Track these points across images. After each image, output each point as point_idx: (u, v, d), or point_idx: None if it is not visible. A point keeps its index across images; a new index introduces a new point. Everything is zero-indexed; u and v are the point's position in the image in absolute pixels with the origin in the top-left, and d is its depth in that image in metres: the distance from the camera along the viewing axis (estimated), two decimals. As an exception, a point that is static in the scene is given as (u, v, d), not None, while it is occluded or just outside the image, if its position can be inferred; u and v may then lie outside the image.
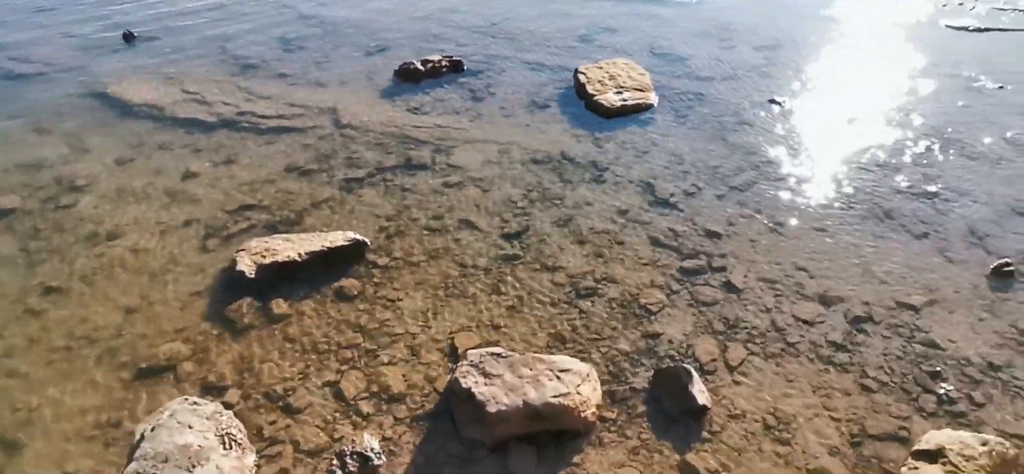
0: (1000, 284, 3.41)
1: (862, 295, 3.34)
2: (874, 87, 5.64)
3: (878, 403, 2.77)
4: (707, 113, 5.20)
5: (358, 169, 4.45)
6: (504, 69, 5.98)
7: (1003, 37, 6.71)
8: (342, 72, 5.95)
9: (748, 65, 6.07)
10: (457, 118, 5.15)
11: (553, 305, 3.31)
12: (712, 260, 3.59)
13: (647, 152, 4.66)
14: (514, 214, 4.00)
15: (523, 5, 7.62)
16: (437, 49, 6.29)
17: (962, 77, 5.77)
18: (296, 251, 3.49)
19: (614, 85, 5.43)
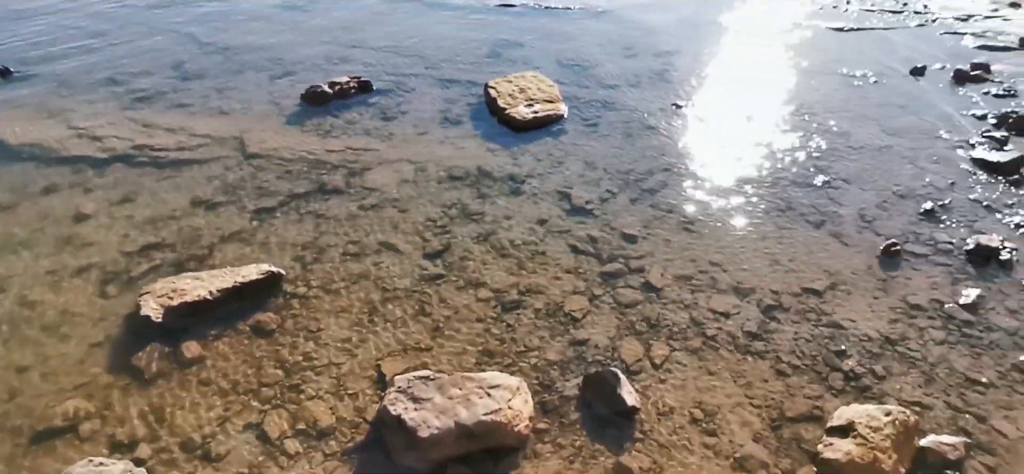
0: (890, 263, 3.69)
1: (771, 284, 3.53)
2: (765, 87, 6.01)
3: (793, 386, 2.93)
4: (615, 120, 5.36)
5: (269, 198, 4.29)
6: (414, 87, 5.94)
7: (873, 35, 7.32)
8: (246, 99, 5.72)
9: (650, 72, 6.32)
10: (369, 139, 5.07)
11: (479, 321, 3.30)
12: (630, 262, 3.69)
13: (561, 162, 4.75)
14: (434, 233, 3.97)
15: (428, 23, 7.62)
16: (344, 70, 6.17)
17: (842, 74, 6.24)
18: (206, 289, 3.31)
19: (524, 98, 5.51)
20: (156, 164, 4.68)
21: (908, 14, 7.91)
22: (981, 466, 2.57)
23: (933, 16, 7.82)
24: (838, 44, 7.05)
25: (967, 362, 3.04)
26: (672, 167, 4.67)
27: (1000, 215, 4.13)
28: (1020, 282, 3.55)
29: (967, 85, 6.02)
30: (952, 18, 7.73)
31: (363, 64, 6.41)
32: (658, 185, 4.45)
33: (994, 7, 8.05)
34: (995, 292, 3.48)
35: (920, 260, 3.72)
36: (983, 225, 4.02)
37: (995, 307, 3.38)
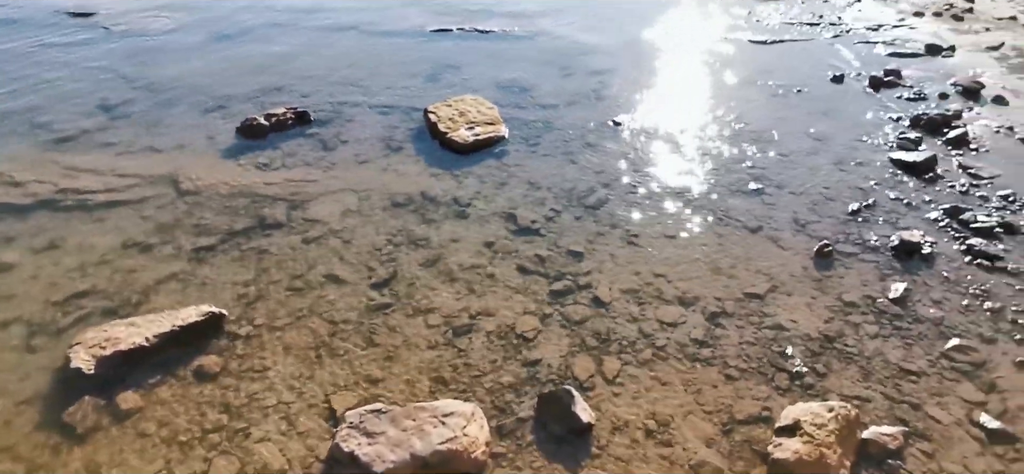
0: (824, 263, 3.86)
1: (714, 291, 3.63)
2: (697, 100, 6.22)
3: (742, 389, 3.01)
4: (556, 139, 5.44)
5: (207, 236, 4.14)
6: (353, 116, 5.88)
7: (794, 47, 7.69)
8: (178, 135, 5.53)
9: (587, 90, 6.45)
10: (309, 170, 4.97)
11: (431, 348, 3.27)
12: (578, 279, 3.74)
13: (505, 183, 4.78)
14: (380, 262, 3.92)
15: (364, 52, 7.57)
16: (280, 101, 6.06)
17: (768, 85, 6.53)
18: (143, 335, 3.17)
19: (465, 121, 5.53)
20: (83, 207, 4.46)
21: (824, 26, 8.35)
22: (919, 453, 2.69)
23: (847, 27, 8.29)
24: (762, 56, 7.38)
25: (900, 353, 3.20)
26: (613, 183, 4.77)
27: (919, 211, 4.38)
28: (941, 274, 3.77)
29: (882, 90, 6.40)
30: (864, 28, 8.21)
31: (300, 94, 6.31)
32: (601, 201, 4.53)
33: (900, 17, 8.60)
34: (920, 285, 3.68)
35: (851, 259, 3.91)
36: (905, 222, 4.26)
37: (921, 299, 3.57)
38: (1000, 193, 4.56)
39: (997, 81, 6.47)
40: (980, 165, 4.94)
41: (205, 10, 9.12)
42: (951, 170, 4.89)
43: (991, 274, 3.77)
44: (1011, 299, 3.57)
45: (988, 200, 4.49)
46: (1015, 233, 4.12)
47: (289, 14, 8.94)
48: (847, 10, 8.95)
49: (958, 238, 4.08)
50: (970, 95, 6.19)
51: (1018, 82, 6.44)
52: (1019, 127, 5.52)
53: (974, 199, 4.52)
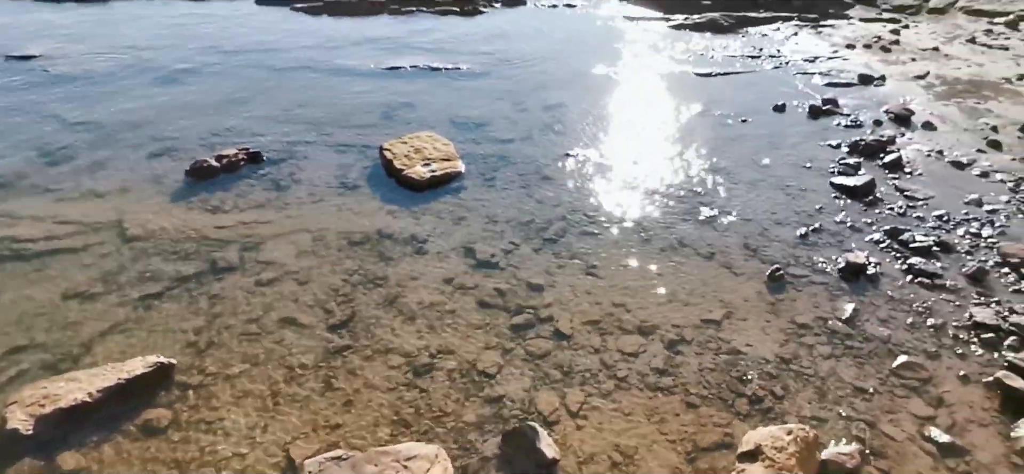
0: (776, 287, 3.97)
1: (673, 319, 3.68)
2: (648, 132, 6.38)
3: (703, 416, 3.04)
4: (512, 173, 5.48)
5: (154, 283, 4.00)
6: (307, 155, 5.81)
7: (738, 78, 7.99)
8: (124, 179, 5.35)
9: (541, 124, 6.54)
10: (262, 211, 4.87)
11: (391, 390, 3.21)
12: (539, 312, 3.74)
13: (463, 218, 4.78)
14: (338, 302, 3.84)
15: (317, 90, 7.52)
16: (231, 142, 5.95)
17: (715, 115, 6.74)
18: (85, 391, 3.01)
19: (421, 158, 5.53)
20: (20, 257, 4.25)
21: (764, 58, 8.71)
22: (876, 471, 2.76)
23: (786, 59, 8.66)
24: (709, 88, 7.63)
25: (853, 373, 3.30)
26: (570, 215, 4.82)
27: (862, 233, 4.56)
28: (886, 293, 3.92)
29: (821, 118, 6.68)
30: (801, 60, 8.60)
31: (252, 135, 6.20)
32: (559, 233, 4.56)
33: (834, 49, 9.04)
34: (867, 304, 3.82)
35: (801, 281, 4.03)
36: (850, 244, 4.42)
37: (869, 318, 3.70)
38: (935, 213, 4.79)
39: (925, 108, 6.84)
40: (915, 187, 5.18)
41: (152, 51, 8.93)
42: (889, 193, 5.12)
43: (931, 291, 3.93)
44: (951, 315, 3.73)
45: (924, 220, 4.71)
46: (950, 251, 4.33)
47: (240, 54, 8.83)
48: (785, 44, 9.36)
49: (899, 257, 4.26)
50: (901, 121, 6.53)
51: (943, 108, 6.82)
52: (948, 150, 5.82)
53: (911, 220, 4.73)
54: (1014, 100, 6.94)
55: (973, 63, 8.18)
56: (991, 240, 4.45)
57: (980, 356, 3.43)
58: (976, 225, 4.63)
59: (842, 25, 10.18)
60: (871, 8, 11.04)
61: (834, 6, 10.99)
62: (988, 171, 5.44)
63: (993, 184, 5.25)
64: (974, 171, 5.46)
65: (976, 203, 4.93)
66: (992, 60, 8.25)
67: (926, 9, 10.87)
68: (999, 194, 5.07)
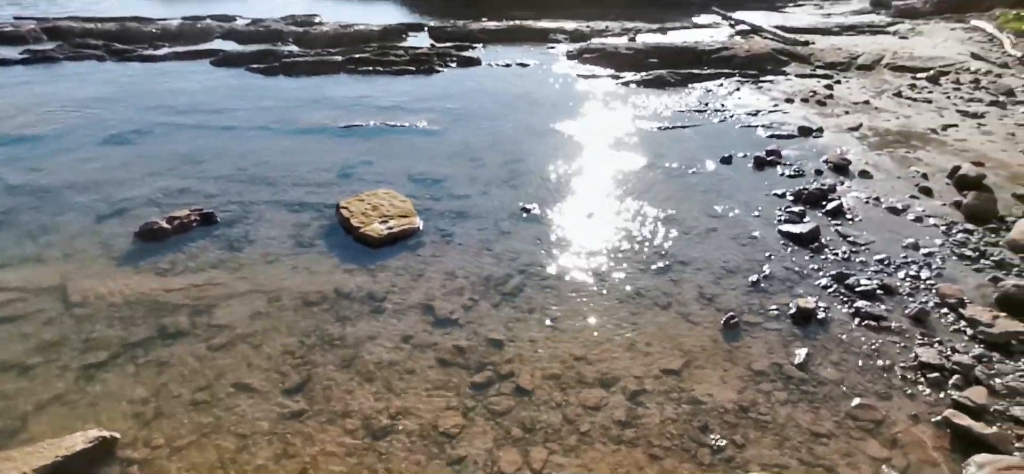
0: (731, 334, 4.05)
1: (633, 370, 3.71)
2: (602, 184, 6.52)
3: (667, 469, 3.04)
4: (470, 228, 5.51)
5: (98, 352, 3.83)
6: (262, 214, 5.72)
7: (686, 132, 8.28)
8: (69, 243, 5.16)
9: (498, 179, 6.62)
10: (215, 273, 4.76)
11: (350, 455, 3.12)
12: (500, 369, 3.72)
13: (421, 275, 4.76)
14: (293, 365, 3.75)
15: (273, 149, 7.46)
16: (184, 203, 5.82)
17: (666, 167, 6.95)
18: (19, 471, 2.83)
19: (378, 215, 5.51)
20: (-50, 330, 4.02)
21: (710, 112, 9.07)
22: (834, 513, 2.80)
23: (730, 113, 9.04)
24: (659, 141, 7.88)
25: (809, 417, 3.36)
26: (529, 268, 4.85)
27: (810, 279, 4.72)
28: (836, 336, 4.04)
29: (766, 169, 6.96)
30: (744, 114, 8.98)
31: (205, 195, 6.09)
32: (518, 287, 4.58)
33: (774, 103, 9.49)
34: (820, 349, 3.93)
35: (756, 328, 4.12)
36: (799, 289, 4.57)
37: (822, 363, 3.80)
38: (876, 257, 5.00)
39: (861, 157, 7.21)
40: (856, 233, 5.41)
41: (104, 112, 8.74)
42: (833, 239, 5.33)
43: (878, 333, 4.08)
44: (898, 356, 3.87)
45: (867, 265, 4.91)
46: (893, 294, 4.51)
47: (194, 114, 8.72)
48: (729, 98, 9.78)
49: (846, 301, 4.41)
50: (840, 170, 6.85)
51: (877, 158, 7.20)
52: (884, 197, 6.12)
53: (855, 264, 4.93)
54: (940, 149, 7.38)
55: (901, 115, 8.69)
56: (930, 282, 4.66)
57: (928, 396, 3.55)
58: (915, 268, 4.85)
59: (780, 81, 10.72)
60: (806, 65, 11.67)
61: (772, 63, 11.58)
62: (922, 216, 5.73)
63: (927, 228, 5.52)
64: (909, 216, 5.74)
65: (913, 247, 5.17)
66: (917, 112, 8.79)
67: (855, 66, 11.55)
68: (934, 237, 5.34)
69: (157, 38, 13.37)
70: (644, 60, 11.66)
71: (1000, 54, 11.92)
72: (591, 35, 14.01)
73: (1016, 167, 6.77)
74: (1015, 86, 9.75)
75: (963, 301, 4.38)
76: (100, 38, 13.03)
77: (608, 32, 14.37)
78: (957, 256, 5.04)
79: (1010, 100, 9.13)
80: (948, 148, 7.42)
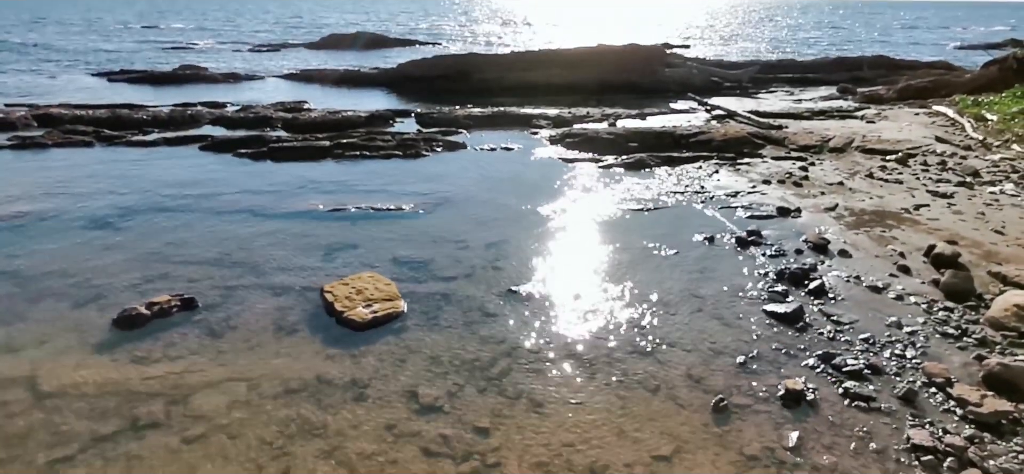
0: (721, 418, 4.00)
1: (623, 457, 3.62)
2: (589, 266, 6.56)
3: (658, 560, 2.93)
4: (455, 312, 5.47)
5: (66, 445, 3.68)
6: (245, 299, 5.65)
7: (668, 213, 8.42)
8: (43, 331, 5.04)
9: (484, 261, 6.64)
10: (194, 360, 4.65)
11: (331, 552, 2.97)
12: (486, 458, 3.62)
13: (405, 360, 4.68)
14: (272, 457, 3.62)
15: (257, 233, 7.45)
16: (165, 288, 5.74)
17: (650, 249, 7.02)
18: None
19: (362, 299, 5.47)
20: (-89, 424, 3.86)
21: (691, 194, 9.26)
22: None
23: (710, 194, 9.24)
24: (641, 223, 7.99)
25: (802, 503, 3.28)
26: (515, 352, 4.80)
27: (797, 359, 4.72)
28: (827, 418, 4.01)
29: (747, 248, 7.06)
30: (724, 195, 9.18)
31: (187, 280, 6.02)
32: (504, 372, 4.52)
33: (752, 184, 9.73)
34: (811, 432, 3.88)
35: (746, 411, 4.08)
36: (787, 370, 4.55)
37: (814, 446, 3.75)
38: (861, 336, 5.02)
39: (839, 236, 7.35)
40: (840, 312, 5.45)
41: (89, 197, 8.71)
42: (817, 318, 5.36)
43: (869, 414, 4.05)
44: (890, 438, 3.83)
45: (853, 344, 4.93)
46: (880, 373, 4.51)
47: (180, 199, 8.72)
48: (708, 180, 10.02)
49: (834, 382, 4.40)
50: (820, 250, 6.97)
51: (855, 237, 7.34)
52: (864, 276, 6.21)
53: (841, 344, 4.94)
54: (915, 228, 7.55)
55: (874, 195, 8.94)
56: (915, 361, 4.68)
57: (921, 478, 3.49)
58: (900, 347, 4.87)
59: (757, 163, 11.03)
60: (781, 148, 12.05)
61: (748, 146, 11.93)
62: (902, 294, 5.80)
63: (909, 306, 5.58)
64: (890, 294, 5.81)
65: (896, 325, 5.21)
66: (890, 192, 9.05)
67: (828, 149, 11.94)
68: (916, 316, 5.39)
69: (147, 124, 13.50)
70: (625, 144, 11.97)
71: (963, 137, 12.42)
72: (573, 121, 14.40)
73: (989, 245, 6.94)
74: (980, 167, 10.12)
75: (950, 380, 4.38)
76: (91, 124, 13.12)
77: (589, 118, 14.79)
78: (940, 334, 5.08)
79: (977, 181, 9.45)
80: (922, 227, 7.60)
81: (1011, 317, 5.15)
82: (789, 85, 21.25)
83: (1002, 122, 12.93)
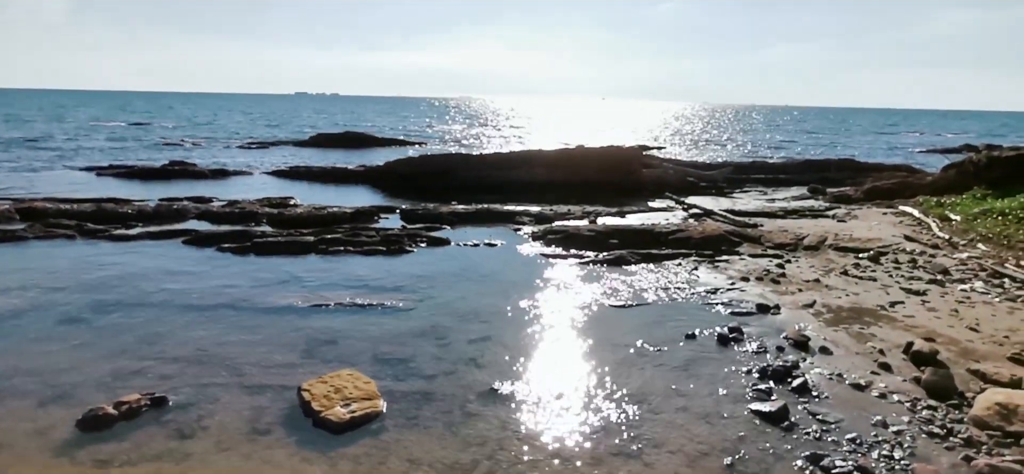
0: (708, 523, 3.87)
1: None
2: (570, 364, 6.50)
3: None
4: (436, 410, 5.35)
5: (18, 559, 3.45)
6: (218, 397, 5.49)
7: (650, 310, 8.45)
8: (2, 433, 4.82)
9: (465, 358, 6.56)
10: (160, 465, 4.46)
11: None
12: (467, 567, 3.45)
13: (384, 463, 4.53)
14: (241, 569, 3.41)
15: (235, 328, 7.33)
16: (135, 386, 5.57)
17: (632, 345, 7.00)
18: None
19: (341, 398, 5.34)
20: None
21: (671, 291, 9.35)
22: None
23: (690, 291, 9.33)
24: (623, 320, 8.00)
25: None
26: (496, 455, 4.67)
27: (785, 460, 4.64)
28: (816, 523, 3.90)
29: (729, 345, 7.07)
30: (704, 292, 9.27)
31: (159, 377, 5.85)
32: (486, 474, 4.38)
33: (731, 281, 9.86)
34: (800, 536, 3.77)
35: (733, 515, 3.96)
36: (775, 472, 4.47)
37: (803, 552, 3.63)
38: (848, 436, 4.98)
39: (818, 333, 7.41)
40: (825, 411, 5.42)
41: (63, 291, 8.55)
42: (803, 417, 5.32)
43: (858, 518, 3.95)
44: (881, 542, 3.73)
45: (840, 444, 4.87)
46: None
47: (158, 293, 8.60)
48: (688, 277, 10.14)
49: (822, 484, 4.31)
50: (800, 347, 7.00)
51: (834, 334, 7.41)
52: (846, 373, 6.22)
53: (828, 444, 4.88)
54: (892, 325, 7.65)
55: (850, 292, 9.09)
56: (904, 462, 4.62)
57: None
58: (887, 447, 4.82)
59: (735, 260, 11.22)
60: (757, 245, 12.30)
61: (725, 244, 12.17)
62: (885, 392, 5.80)
63: (893, 405, 5.57)
64: (873, 392, 5.81)
65: (882, 424, 5.18)
66: (865, 290, 9.21)
67: (802, 246, 12.21)
68: (900, 414, 5.38)
69: (132, 218, 13.47)
70: (605, 241, 12.15)
71: (930, 236, 12.81)
72: (554, 218, 14.65)
73: (965, 343, 7.02)
74: (949, 265, 10.38)
75: (938, 481, 4.32)
76: (75, 218, 13.05)
77: (570, 215, 15.06)
78: (926, 434, 5.06)
79: (947, 278, 9.67)
80: (899, 324, 7.70)
81: (994, 415, 5.16)
82: (762, 185, 21.95)
83: (965, 222, 13.40)
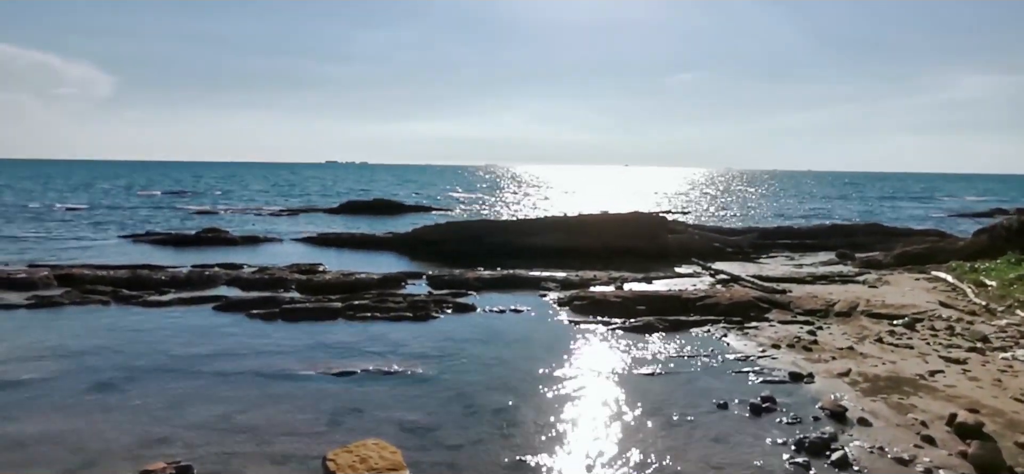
0: None
1: None
2: (601, 433, 6.38)
3: None
4: (463, 482, 5.27)
5: None
6: (242, 469, 5.48)
7: (679, 377, 8.30)
8: (29, 501, 4.86)
9: (492, 428, 6.47)
10: (187, 534, 4.43)
11: None
12: None
13: (410, 535, 4.45)
14: None
15: (262, 395, 7.36)
16: (161, 455, 5.60)
17: (662, 414, 6.84)
18: None
19: (366, 468, 5.29)
20: None
21: (701, 358, 9.19)
22: None
23: (720, 358, 9.15)
24: (653, 388, 7.86)
25: None
26: (525, 527, 4.56)
27: (824, 539, 4.44)
28: None
29: (762, 415, 6.88)
30: (734, 359, 9.09)
31: (185, 445, 5.87)
32: (513, 549, 4.27)
33: (762, 349, 9.66)
34: None
35: None
36: (814, 551, 4.27)
37: None
38: (891, 514, 4.76)
39: (856, 404, 7.17)
40: (866, 486, 5.21)
41: (94, 357, 8.72)
42: (842, 493, 5.11)
43: None
44: None
45: (882, 522, 4.66)
46: (915, 555, 4.22)
47: (186, 360, 8.71)
48: (718, 344, 9.97)
49: (866, 565, 4.11)
50: (837, 418, 6.78)
51: (872, 404, 7.17)
52: (887, 447, 5.99)
53: (870, 522, 4.67)
54: (933, 395, 7.38)
55: (887, 361, 8.82)
56: (951, 541, 4.40)
57: None
58: (932, 525, 4.60)
59: (765, 327, 11.01)
60: (787, 311, 12.08)
61: (754, 310, 11.98)
62: (931, 468, 5.57)
63: (937, 481, 5.34)
64: (918, 468, 5.58)
65: (927, 502, 4.96)
66: (902, 358, 8.94)
67: (833, 313, 11.96)
68: (945, 491, 5.14)
69: (165, 284, 13.79)
70: (633, 307, 12.05)
71: (966, 303, 12.46)
72: (581, 284, 14.61)
73: (1011, 414, 6.75)
74: (988, 332, 10.06)
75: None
76: (111, 284, 13.40)
77: (596, 281, 15.01)
78: (973, 511, 4.82)
79: (987, 346, 9.36)
80: (940, 394, 7.44)
81: (1045, 493, 4.90)
82: (788, 250, 21.69)
83: (1002, 287, 13.02)
